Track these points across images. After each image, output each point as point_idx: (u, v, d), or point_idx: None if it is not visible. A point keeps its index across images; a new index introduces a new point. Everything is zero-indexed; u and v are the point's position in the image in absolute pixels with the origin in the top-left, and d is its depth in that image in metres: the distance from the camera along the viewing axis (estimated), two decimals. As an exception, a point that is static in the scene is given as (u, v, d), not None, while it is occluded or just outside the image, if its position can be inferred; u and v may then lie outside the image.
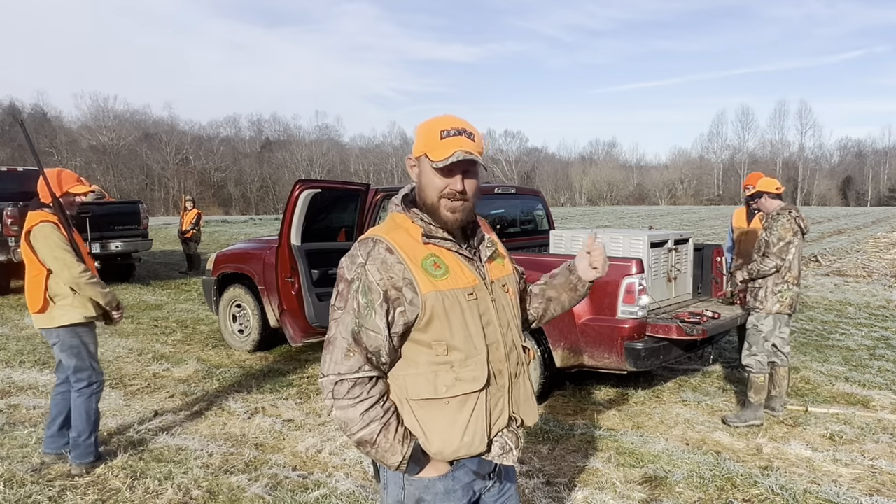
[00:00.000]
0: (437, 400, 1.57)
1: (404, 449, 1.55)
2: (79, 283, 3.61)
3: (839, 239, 21.27)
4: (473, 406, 1.58)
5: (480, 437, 1.60)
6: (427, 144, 1.57)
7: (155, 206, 56.58)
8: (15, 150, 52.64)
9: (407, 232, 1.60)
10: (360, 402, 1.53)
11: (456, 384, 1.56)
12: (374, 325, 1.52)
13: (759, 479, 3.73)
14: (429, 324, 1.55)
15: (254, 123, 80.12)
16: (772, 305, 4.61)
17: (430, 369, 1.57)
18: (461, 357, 1.57)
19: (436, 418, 1.57)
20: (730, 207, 51.06)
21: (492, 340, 1.62)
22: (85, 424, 3.76)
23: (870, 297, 10.39)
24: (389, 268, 1.53)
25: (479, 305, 1.61)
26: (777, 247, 4.55)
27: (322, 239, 6.07)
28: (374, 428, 1.53)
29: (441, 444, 1.57)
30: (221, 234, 24.18)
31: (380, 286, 1.52)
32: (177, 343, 7.19)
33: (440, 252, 1.59)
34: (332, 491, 3.56)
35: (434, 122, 1.60)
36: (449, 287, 1.56)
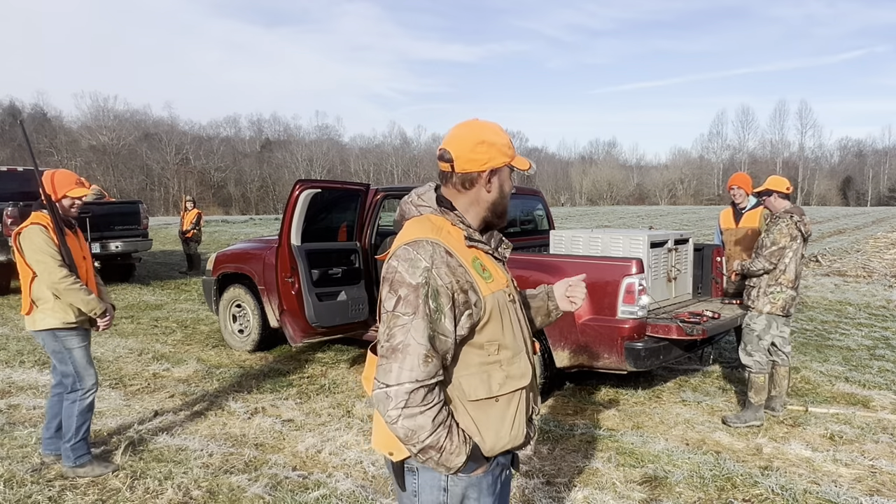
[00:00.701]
0: (489, 399, 1.61)
1: (467, 449, 1.57)
2: (58, 288, 3.57)
3: (839, 239, 21.27)
4: (518, 401, 1.66)
5: (523, 430, 1.69)
6: (510, 154, 1.67)
7: (155, 206, 56.60)
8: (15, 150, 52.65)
9: (450, 234, 1.62)
10: (431, 407, 1.51)
11: (507, 382, 1.63)
12: (445, 328, 1.53)
13: (759, 479, 3.73)
14: (486, 325, 1.59)
15: (254, 123, 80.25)
16: (762, 305, 4.62)
17: (481, 370, 1.61)
18: (509, 355, 1.64)
19: (489, 417, 1.62)
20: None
21: (525, 336, 1.73)
22: (67, 428, 3.76)
23: (870, 297, 10.39)
24: (454, 270, 1.55)
25: (514, 304, 1.70)
26: (769, 250, 4.55)
27: (322, 239, 6.06)
28: (442, 432, 1.53)
29: (494, 440, 1.63)
30: (221, 234, 24.19)
31: (448, 289, 1.53)
32: (177, 343, 7.19)
33: (480, 255, 1.65)
34: (332, 491, 3.56)
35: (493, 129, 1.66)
36: (496, 288, 1.63)
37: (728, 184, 5.92)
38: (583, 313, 4.77)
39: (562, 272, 4.89)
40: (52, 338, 3.68)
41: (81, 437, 3.76)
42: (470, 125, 1.67)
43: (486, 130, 1.64)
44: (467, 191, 1.66)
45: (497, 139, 1.64)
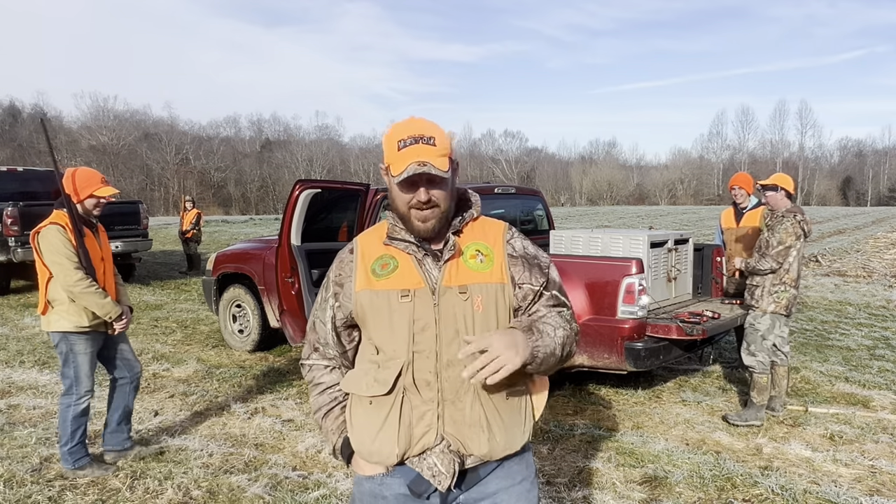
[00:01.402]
0: (361, 397, 1.59)
1: (335, 438, 1.65)
2: (73, 290, 3.52)
3: (839, 239, 21.27)
4: (387, 412, 1.53)
5: (390, 448, 1.52)
6: (388, 156, 1.52)
7: (155, 206, 56.59)
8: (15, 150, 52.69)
9: (380, 233, 1.64)
10: (314, 386, 1.70)
11: (373, 385, 1.55)
12: (323, 317, 1.65)
13: (759, 479, 3.73)
14: (363, 322, 1.58)
15: (254, 123, 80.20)
16: (767, 305, 4.62)
17: (365, 367, 1.61)
18: (384, 359, 1.55)
19: (358, 416, 1.61)
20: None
21: (422, 348, 1.50)
22: (63, 432, 3.74)
23: (870, 297, 10.39)
24: (343, 266, 1.63)
25: (416, 309, 1.50)
26: (776, 249, 4.55)
27: (322, 239, 6.07)
28: (321, 412, 1.67)
29: (356, 442, 1.61)
30: (221, 234, 24.18)
31: (333, 282, 1.64)
32: (177, 343, 7.19)
33: (397, 253, 1.58)
34: (332, 491, 3.56)
35: (393, 130, 1.53)
36: (384, 287, 1.54)
37: (729, 184, 5.92)
38: (583, 313, 4.77)
39: (562, 272, 4.87)
40: (62, 339, 3.65)
41: (78, 441, 3.75)
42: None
43: (392, 128, 1.54)
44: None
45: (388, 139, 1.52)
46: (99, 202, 3.71)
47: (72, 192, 3.59)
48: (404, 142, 1.48)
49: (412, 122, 1.53)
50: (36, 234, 3.55)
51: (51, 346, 3.81)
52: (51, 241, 3.50)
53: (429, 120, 1.55)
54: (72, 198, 3.59)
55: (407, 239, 1.57)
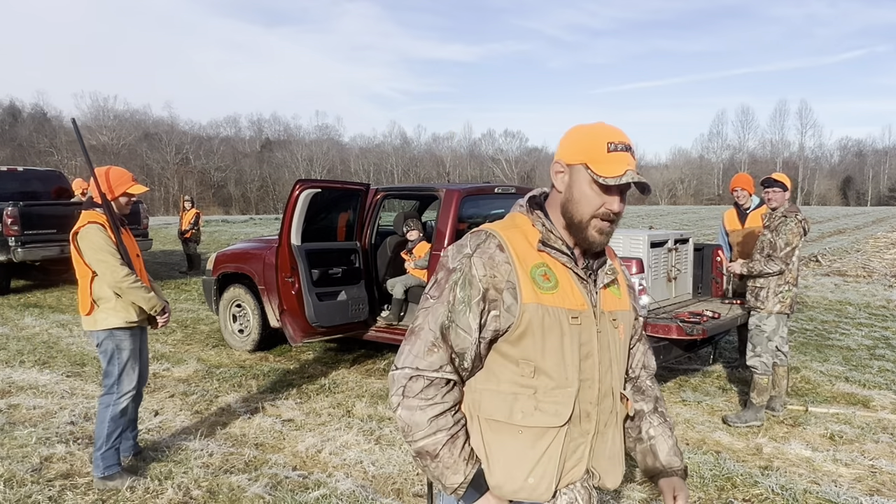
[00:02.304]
0: (510, 425, 1.40)
1: (468, 469, 1.38)
2: (121, 286, 3.54)
3: (839, 239, 21.27)
4: (548, 444, 1.40)
5: (547, 484, 1.40)
6: (590, 154, 1.40)
7: (155, 206, 56.61)
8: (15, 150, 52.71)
9: (524, 234, 1.45)
10: (432, 405, 1.37)
11: (534, 414, 1.39)
12: (467, 323, 1.38)
13: (759, 479, 3.73)
14: (521, 338, 1.39)
15: (254, 123, 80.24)
16: (773, 306, 4.62)
17: (510, 389, 1.40)
18: (549, 385, 1.39)
19: (504, 445, 1.40)
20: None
21: (587, 377, 1.42)
22: (98, 434, 3.67)
23: (870, 297, 10.39)
24: (496, 265, 1.39)
25: (582, 333, 1.42)
26: (784, 251, 4.55)
27: (322, 239, 6.07)
28: (441, 438, 1.37)
29: (502, 477, 1.40)
30: (221, 234, 24.18)
31: (481, 283, 1.38)
32: (177, 343, 7.19)
33: (553, 264, 1.43)
34: (332, 491, 3.56)
35: (597, 129, 1.43)
36: (554, 303, 1.39)
37: (731, 185, 5.92)
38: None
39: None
40: (108, 337, 3.63)
41: (112, 445, 3.66)
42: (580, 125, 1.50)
43: (581, 127, 1.46)
44: (551, 192, 1.50)
45: (581, 135, 1.43)
46: (130, 200, 3.73)
47: (106, 190, 3.59)
48: (615, 146, 1.40)
49: (616, 129, 1.45)
50: (75, 236, 3.54)
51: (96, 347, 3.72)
52: (93, 239, 3.49)
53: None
54: (106, 195, 3.58)
55: (565, 251, 1.44)
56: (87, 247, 3.49)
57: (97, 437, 3.67)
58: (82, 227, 3.52)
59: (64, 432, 4.44)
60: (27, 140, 56.52)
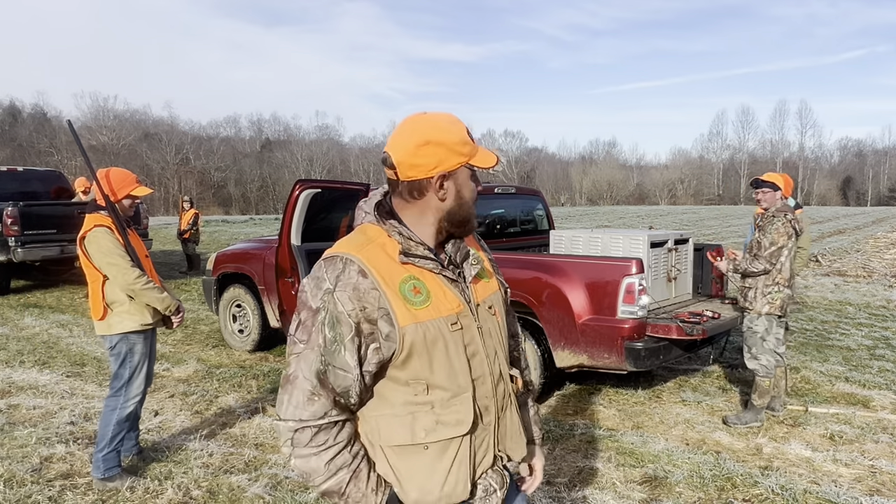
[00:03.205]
0: (414, 446, 1.38)
1: (378, 498, 1.37)
2: (133, 288, 3.51)
3: (839, 239, 21.27)
4: (456, 451, 1.39)
5: (463, 485, 1.41)
6: (465, 152, 1.39)
7: (155, 206, 56.56)
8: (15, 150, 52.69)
9: (382, 248, 1.38)
10: (326, 449, 1.34)
11: (437, 428, 1.37)
12: (344, 362, 1.32)
13: (759, 479, 3.74)
14: (407, 360, 1.35)
15: (254, 123, 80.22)
16: (761, 307, 4.60)
17: (406, 410, 1.37)
18: (444, 396, 1.37)
19: (413, 466, 1.38)
20: (730, 208, 51.10)
21: (478, 374, 1.43)
22: (101, 435, 3.66)
23: (870, 297, 10.39)
24: (362, 295, 1.32)
25: (465, 335, 1.40)
26: (769, 251, 4.54)
27: (322, 239, 6.06)
28: (343, 476, 1.35)
29: (419, 494, 1.39)
30: (221, 234, 24.18)
31: (350, 317, 1.31)
32: (177, 343, 7.19)
33: (420, 273, 1.38)
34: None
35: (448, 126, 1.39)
36: (430, 317, 1.35)
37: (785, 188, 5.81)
38: (583, 313, 4.77)
39: (562, 272, 4.89)
40: (123, 341, 3.61)
41: (114, 448, 3.65)
42: (414, 121, 1.40)
43: (431, 128, 1.37)
44: (416, 200, 1.41)
45: (446, 137, 1.37)
46: (134, 202, 3.71)
47: (109, 192, 3.56)
48: (470, 135, 1.42)
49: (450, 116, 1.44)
50: (82, 240, 3.51)
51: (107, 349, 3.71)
52: (101, 243, 3.47)
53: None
54: (110, 198, 3.56)
55: (429, 256, 1.40)
56: (96, 251, 3.47)
57: (100, 438, 3.65)
58: (89, 231, 3.49)
59: (64, 432, 4.44)
60: (27, 140, 56.51)
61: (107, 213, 3.55)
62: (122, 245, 3.53)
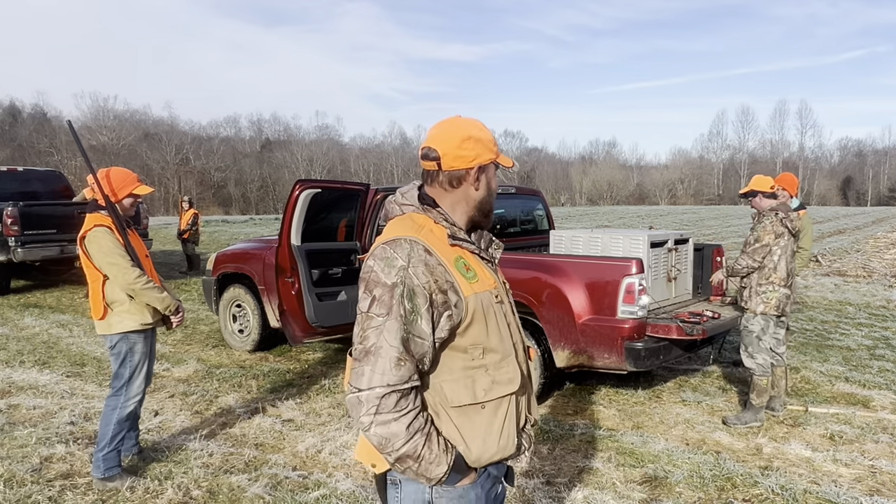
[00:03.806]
0: (474, 406, 1.54)
1: (449, 458, 1.50)
2: (134, 288, 3.52)
3: (839, 239, 21.27)
4: (507, 408, 1.59)
5: (514, 440, 1.61)
6: (496, 150, 1.63)
7: (155, 206, 56.54)
8: (15, 150, 52.67)
9: (432, 233, 1.56)
10: (406, 413, 1.45)
11: (493, 387, 1.56)
12: (421, 330, 1.47)
13: (759, 479, 3.74)
14: (469, 327, 1.53)
15: (254, 123, 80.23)
16: (756, 306, 4.60)
17: (465, 374, 1.54)
18: (496, 359, 1.57)
19: (474, 424, 1.55)
20: (730, 208, 51.08)
21: (516, 340, 1.66)
22: (102, 435, 3.65)
23: (870, 297, 10.39)
24: (433, 270, 1.49)
25: (503, 307, 1.64)
26: (752, 247, 4.54)
27: (322, 239, 6.07)
28: (419, 440, 1.46)
29: (481, 449, 1.55)
30: (221, 234, 24.18)
31: (425, 289, 1.47)
32: (177, 343, 7.19)
33: (465, 255, 1.59)
34: (332, 491, 3.56)
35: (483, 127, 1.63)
36: (482, 289, 1.57)
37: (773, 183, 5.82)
38: (583, 313, 4.77)
39: (562, 272, 4.89)
40: (123, 340, 3.61)
41: (115, 447, 3.65)
42: (454, 122, 1.62)
43: (471, 126, 1.61)
44: (454, 189, 1.61)
45: (483, 135, 1.60)
46: (135, 201, 3.71)
47: (109, 192, 3.56)
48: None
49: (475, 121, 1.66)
50: (82, 240, 3.51)
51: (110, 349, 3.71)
52: (101, 243, 3.47)
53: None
54: (110, 198, 3.56)
55: (470, 240, 1.62)
56: (97, 250, 3.47)
57: (101, 437, 3.65)
58: (89, 230, 3.49)
59: (64, 432, 4.44)
60: (27, 140, 56.48)
61: (107, 212, 3.55)
62: (122, 245, 3.53)
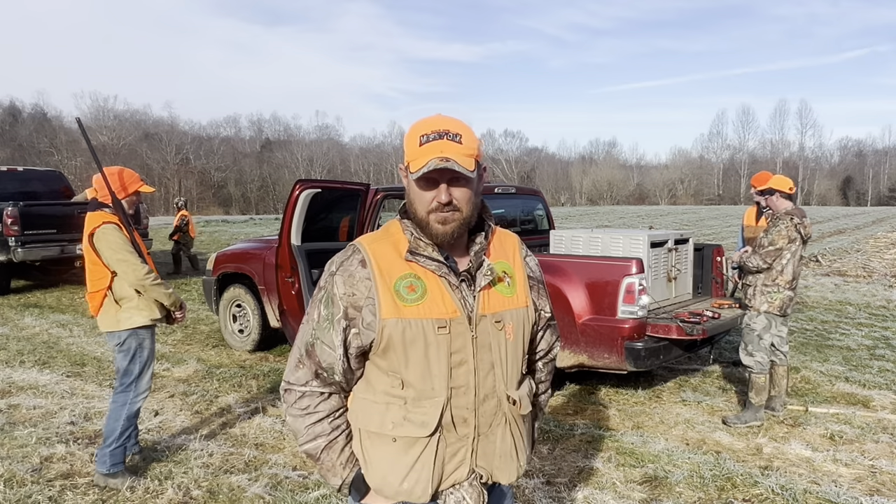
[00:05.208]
0: (383, 435, 1.44)
1: (345, 473, 1.48)
2: (144, 284, 3.55)
3: (839, 239, 21.27)
4: (420, 452, 1.42)
5: (423, 488, 1.43)
6: (409, 153, 1.40)
7: (155, 206, 56.53)
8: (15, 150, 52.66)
9: (394, 244, 1.45)
10: (307, 414, 1.47)
11: (403, 424, 1.42)
12: (331, 339, 1.43)
13: (759, 479, 3.74)
14: (385, 351, 1.41)
15: (254, 123, 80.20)
16: (760, 304, 4.62)
17: (384, 399, 1.44)
18: (414, 395, 1.41)
19: (379, 453, 1.45)
20: (730, 207, 51.10)
21: (460, 384, 1.42)
22: (111, 430, 3.65)
23: (870, 297, 10.39)
24: (355, 283, 1.41)
25: (453, 342, 1.40)
26: (765, 249, 4.56)
27: (322, 239, 6.07)
28: (319, 444, 1.47)
29: (380, 482, 1.45)
30: (221, 234, 24.18)
31: (342, 301, 1.42)
32: (177, 343, 7.19)
33: (423, 273, 1.42)
34: (332, 491, 3.56)
35: (417, 125, 1.42)
36: (417, 315, 1.39)
37: (751, 181, 5.89)
38: (583, 313, 4.77)
39: (562, 272, 4.89)
40: (133, 336, 3.63)
41: (122, 443, 3.66)
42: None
43: (416, 124, 1.43)
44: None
45: (410, 134, 1.41)
46: (136, 200, 3.76)
47: (118, 189, 3.59)
48: (427, 136, 1.37)
49: (438, 118, 1.43)
50: (91, 237, 3.52)
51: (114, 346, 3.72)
52: (112, 240, 3.49)
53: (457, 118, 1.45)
54: (117, 195, 3.58)
55: (435, 257, 1.42)
56: (107, 247, 3.50)
57: (109, 433, 3.65)
58: (98, 227, 3.51)
59: (64, 432, 4.44)
60: (27, 140, 56.48)
61: (112, 210, 3.58)
62: (129, 241, 3.57)
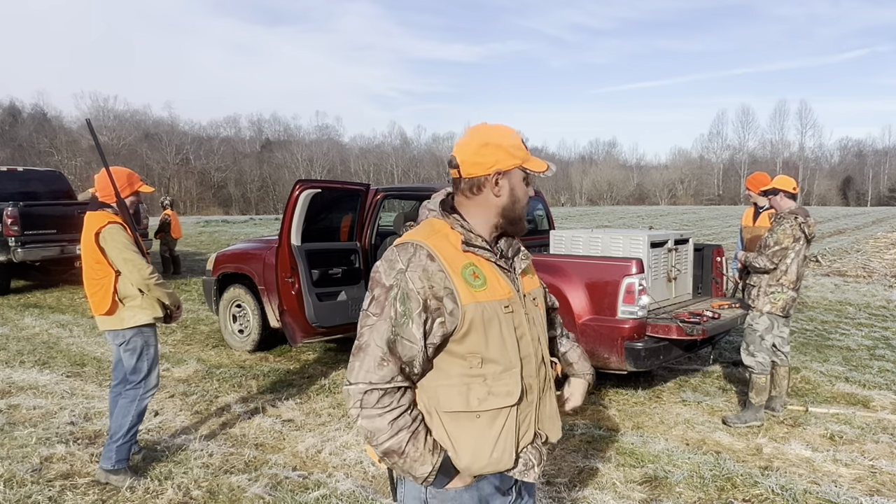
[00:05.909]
0: (468, 413, 1.54)
1: (434, 458, 1.52)
2: (148, 283, 3.58)
3: (839, 239, 21.26)
4: (504, 421, 1.56)
5: (509, 454, 1.58)
6: (520, 156, 1.61)
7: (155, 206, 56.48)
8: (15, 150, 52.65)
9: (446, 238, 1.57)
10: (390, 410, 1.50)
11: (489, 398, 1.54)
12: (411, 334, 1.49)
13: (759, 479, 3.74)
14: (466, 335, 1.52)
15: (254, 123, 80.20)
16: (763, 305, 4.62)
17: (462, 381, 1.54)
18: (496, 370, 1.55)
19: (466, 432, 1.55)
20: (730, 208, 51.11)
21: (525, 354, 1.61)
22: (119, 426, 3.67)
23: (870, 297, 10.39)
24: (430, 276, 1.50)
25: (514, 318, 1.59)
26: (771, 250, 4.55)
27: (322, 239, 6.07)
28: (403, 437, 1.50)
29: (470, 459, 1.55)
30: (221, 234, 24.19)
31: (419, 294, 1.49)
32: (177, 343, 7.19)
33: (478, 262, 1.57)
34: (332, 491, 3.57)
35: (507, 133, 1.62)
36: (487, 298, 1.54)
37: (745, 183, 5.90)
38: (583, 313, 4.77)
39: (562, 272, 4.89)
40: (138, 335, 3.66)
41: (129, 440, 3.69)
42: (476, 129, 1.64)
43: (491, 132, 1.60)
44: (475, 196, 1.61)
45: (503, 140, 1.59)
46: (137, 200, 3.78)
47: (123, 187, 3.63)
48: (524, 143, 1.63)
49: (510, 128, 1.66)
50: (97, 236, 3.54)
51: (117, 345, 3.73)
52: (117, 239, 3.53)
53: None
54: (121, 193, 3.61)
55: (486, 247, 1.60)
56: (113, 246, 3.52)
57: (117, 429, 3.67)
58: (103, 227, 3.53)
59: (64, 432, 4.44)
60: (27, 140, 56.46)
61: (115, 210, 3.60)
62: (133, 241, 3.60)
